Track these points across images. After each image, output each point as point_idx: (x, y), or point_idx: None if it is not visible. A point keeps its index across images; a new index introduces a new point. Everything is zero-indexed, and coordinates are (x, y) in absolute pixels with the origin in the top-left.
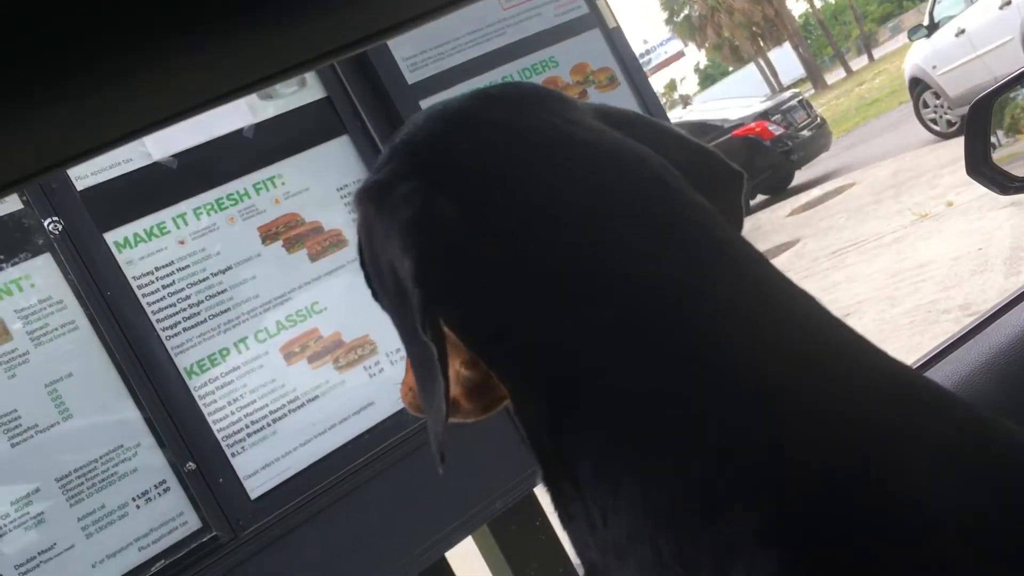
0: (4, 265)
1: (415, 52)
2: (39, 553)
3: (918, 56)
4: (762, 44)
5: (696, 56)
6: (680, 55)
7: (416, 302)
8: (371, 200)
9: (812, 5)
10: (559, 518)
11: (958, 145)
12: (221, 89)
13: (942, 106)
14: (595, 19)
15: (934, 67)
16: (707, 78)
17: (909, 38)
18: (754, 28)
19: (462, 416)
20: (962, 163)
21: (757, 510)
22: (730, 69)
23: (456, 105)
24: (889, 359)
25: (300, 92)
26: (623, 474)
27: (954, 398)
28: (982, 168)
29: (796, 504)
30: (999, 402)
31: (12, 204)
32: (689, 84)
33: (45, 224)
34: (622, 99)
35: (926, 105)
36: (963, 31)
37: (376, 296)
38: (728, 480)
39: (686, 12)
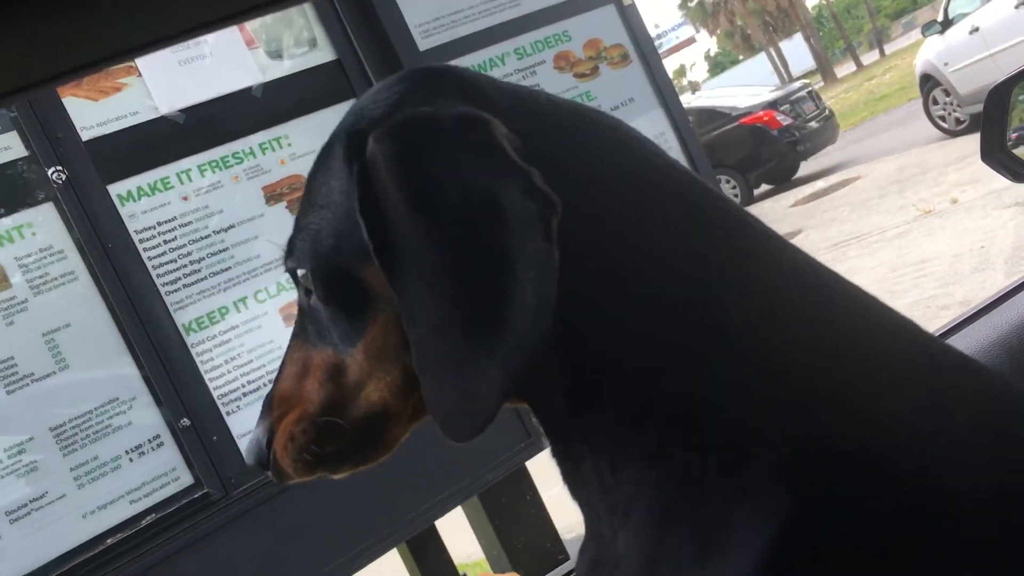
0: (6, 212)
1: (428, 19)
2: (30, 501)
3: (930, 52)
4: (774, 34)
5: (707, 43)
6: (691, 41)
7: (535, 207)
8: (416, 128)
9: None
10: (568, 485)
11: (965, 143)
12: (217, 13)
13: (951, 103)
14: None
15: (946, 64)
16: (717, 65)
17: (923, 34)
18: (767, 17)
19: (380, 450)
20: (968, 161)
21: (768, 453)
22: (740, 58)
23: (419, 67)
24: (901, 316)
25: (310, 53)
26: (638, 431)
27: (975, 361)
28: (997, 155)
29: (809, 447)
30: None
31: (17, 151)
32: (699, 71)
33: (49, 173)
34: (634, 77)
35: (935, 102)
36: (977, 29)
37: (388, 251)
38: (740, 424)
39: None
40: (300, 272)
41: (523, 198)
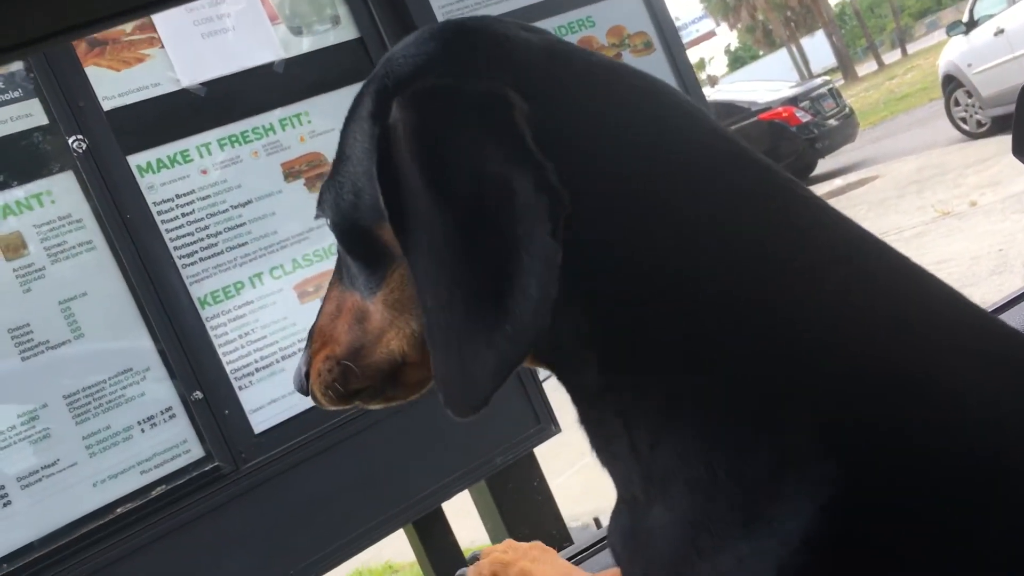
0: (26, 180)
1: (452, 0)
2: (42, 468)
3: (954, 53)
4: (795, 30)
5: (727, 37)
6: (712, 35)
7: (546, 203)
8: (438, 101)
9: None
10: (599, 457)
11: (986, 146)
12: None
13: (973, 105)
14: None
15: (969, 65)
16: (737, 60)
17: (947, 34)
18: (789, 13)
19: (402, 391)
20: (988, 163)
21: (814, 422)
22: (760, 53)
23: (466, 20)
24: (952, 289)
25: (333, 30)
26: (678, 400)
27: (1003, 323)
28: None
29: (859, 417)
30: None
31: (38, 119)
32: (718, 65)
33: (69, 141)
34: (657, 65)
35: (957, 103)
36: (1002, 31)
37: (401, 221)
38: (786, 393)
39: None
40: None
41: (535, 191)
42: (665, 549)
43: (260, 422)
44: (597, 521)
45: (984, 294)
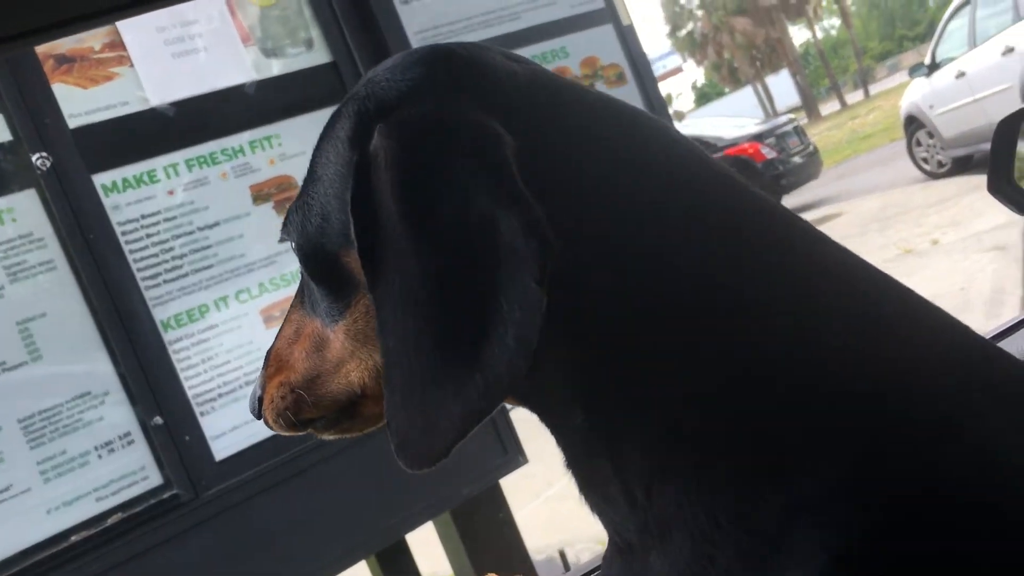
0: None
1: (427, 26)
2: None
3: (916, 94)
4: (761, 68)
5: (694, 73)
6: (678, 71)
7: (535, 249)
8: (424, 133)
9: (814, 35)
10: (589, 504)
11: (947, 185)
12: None
13: (935, 146)
14: (609, 14)
15: (931, 107)
16: (703, 96)
17: (910, 75)
18: (754, 52)
19: (358, 424)
20: (949, 203)
21: (825, 465)
22: (726, 90)
23: (452, 45)
24: (955, 319)
25: (306, 54)
26: (674, 443)
27: (1009, 355)
28: (1004, 188)
29: (867, 457)
30: None
31: (2, 135)
32: (685, 101)
33: (33, 159)
34: (629, 97)
35: (919, 144)
36: (963, 74)
37: (372, 254)
38: (792, 435)
39: (689, 28)
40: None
41: (523, 234)
42: None
43: (221, 449)
44: (562, 554)
45: None
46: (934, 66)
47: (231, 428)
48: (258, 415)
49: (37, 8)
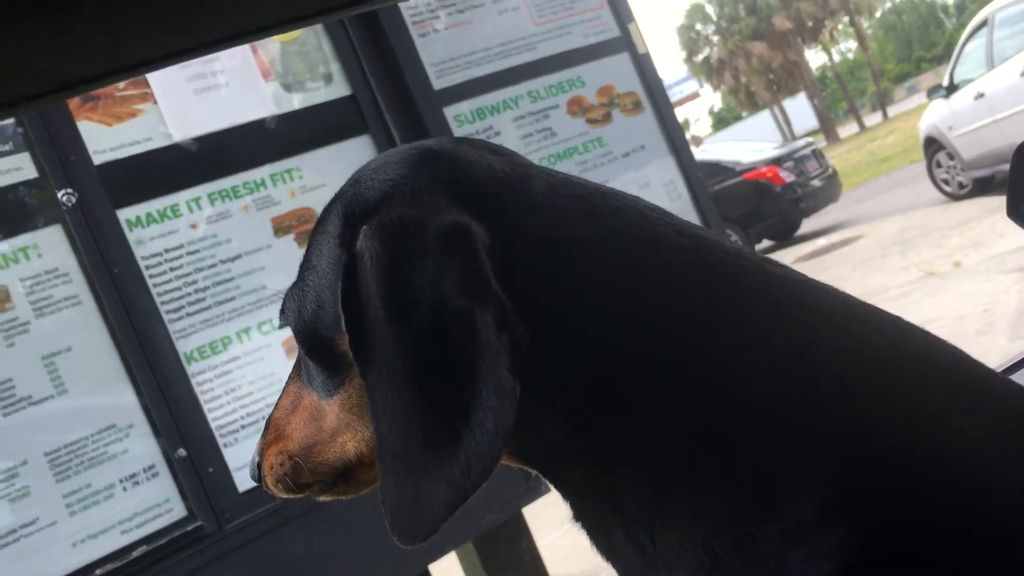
0: (13, 233)
1: (444, 59)
2: (20, 527)
3: (935, 116)
4: (778, 92)
5: (711, 99)
6: (695, 96)
7: (507, 342)
8: (404, 234)
9: (831, 58)
10: (599, 550)
11: (968, 207)
12: (235, 28)
13: (955, 167)
14: (625, 43)
15: (950, 128)
16: (720, 121)
17: (928, 97)
18: (771, 76)
19: (353, 488)
20: (971, 225)
21: (817, 495)
22: (744, 114)
23: (432, 144)
24: (950, 346)
25: (325, 87)
26: (670, 491)
27: (1008, 381)
28: (1023, 210)
29: (858, 482)
30: None
31: (28, 172)
32: (702, 126)
33: (59, 195)
34: (646, 124)
35: (939, 165)
36: (982, 95)
37: (362, 345)
38: (786, 467)
39: (705, 53)
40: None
41: (496, 329)
42: None
43: (245, 480)
44: None
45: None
46: (952, 87)
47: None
48: (258, 480)
49: (70, 63)
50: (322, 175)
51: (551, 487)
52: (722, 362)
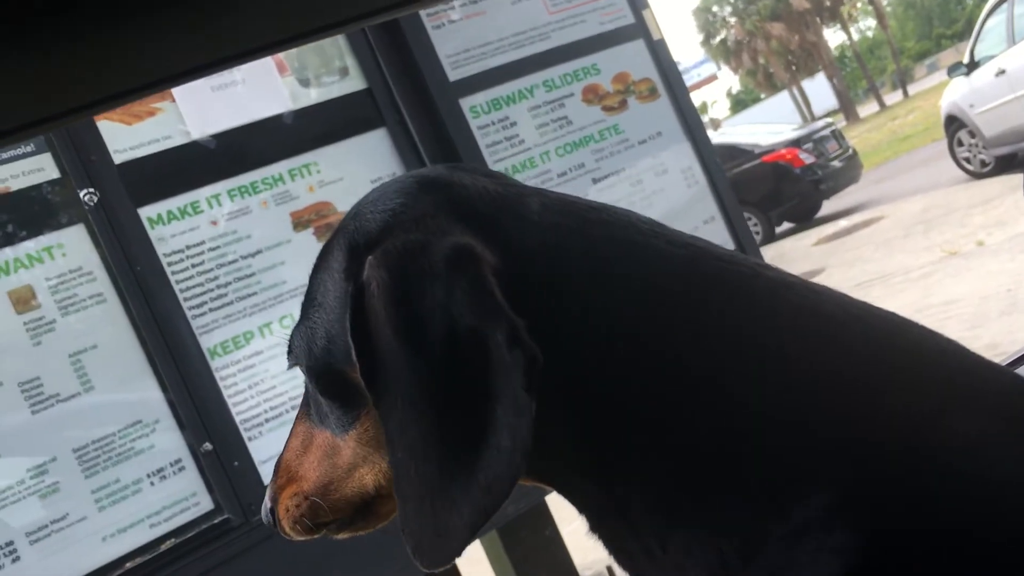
0: (37, 233)
1: (458, 50)
2: (51, 523)
3: (956, 94)
4: (796, 73)
5: (729, 80)
6: (713, 78)
7: (521, 360)
8: (410, 259)
9: (849, 37)
10: (617, 561)
11: (990, 185)
12: (252, 43)
13: (977, 145)
14: (640, 29)
15: (971, 106)
16: (738, 103)
17: (948, 75)
18: (789, 56)
19: (372, 522)
20: (994, 203)
21: (820, 496)
22: (762, 96)
23: (427, 172)
24: (949, 342)
25: (341, 81)
26: (676, 499)
27: (1006, 371)
28: None
29: (862, 485)
30: None
31: (50, 173)
32: (720, 108)
33: (81, 195)
34: (662, 111)
35: (960, 144)
36: (1004, 71)
37: (375, 374)
38: (792, 469)
39: (723, 35)
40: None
41: (508, 347)
42: None
43: (270, 473)
44: (610, 570)
45: (994, 335)
46: (973, 64)
47: (278, 452)
48: (274, 524)
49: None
50: (339, 169)
51: None
52: (724, 368)
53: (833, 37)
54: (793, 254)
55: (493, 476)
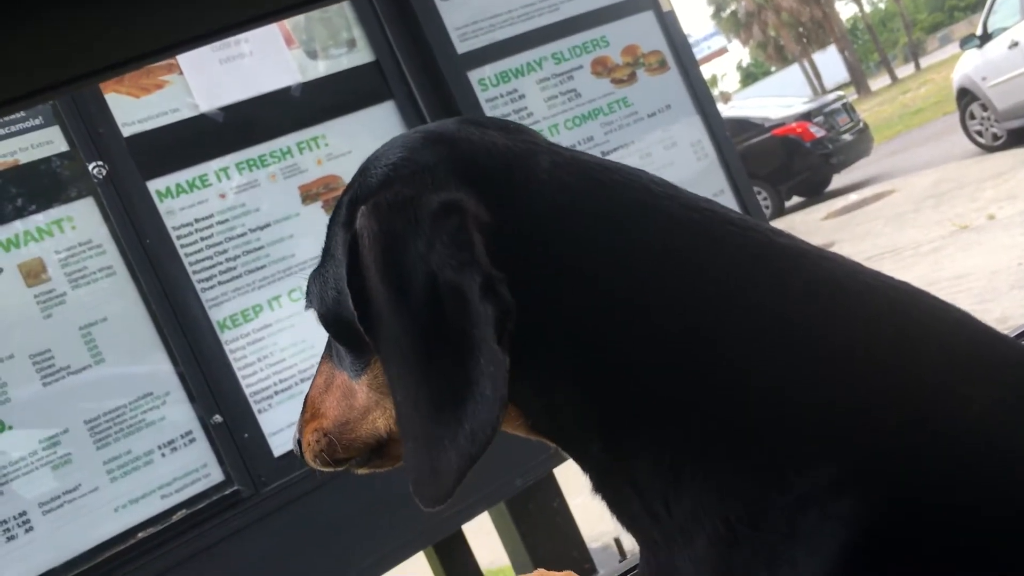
0: (46, 206)
1: (467, 22)
2: (64, 493)
3: (968, 67)
4: (807, 45)
5: (739, 53)
6: (723, 51)
7: (492, 312)
8: (396, 212)
9: (861, 9)
10: (620, 522)
11: (1002, 158)
12: (256, 9)
13: (989, 118)
14: (649, 1)
15: (984, 78)
16: (749, 76)
17: (961, 47)
18: (800, 29)
19: (388, 461)
20: (1005, 177)
21: (828, 464)
22: (773, 69)
23: (435, 127)
24: (962, 313)
25: (349, 54)
26: (682, 463)
27: (1016, 343)
28: None
29: (871, 454)
30: None
31: (58, 146)
32: (730, 81)
33: (90, 168)
34: (671, 84)
35: (972, 117)
36: (1016, 44)
37: (371, 322)
38: (797, 435)
39: (733, 8)
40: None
41: (482, 300)
42: None
43: (279, 445)
44: (618, 541)
45: (1004, 309)
46: (986, 37)
47: (288, 424)
48: (300, 456)
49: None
50: (348, 142)
51: None
52: (732, 334)
53: (845, 9)
54: (803, 228)
55: (476, 424)
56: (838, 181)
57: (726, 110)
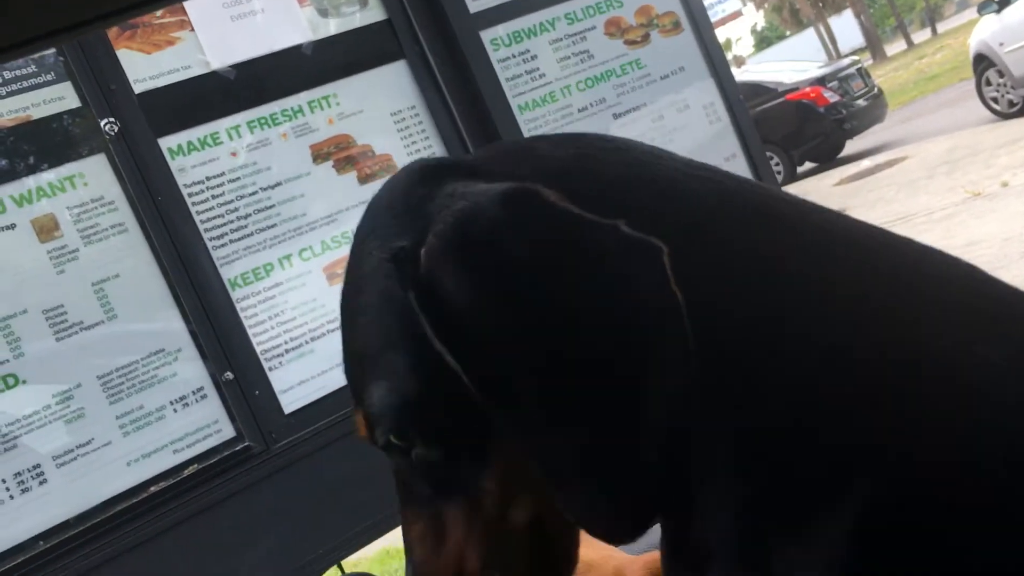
0: (58, 162)
1: None
2: (76, 447)
3: (985, 32)
4: (823, 9)
5: (754, 17)
6: (738, 15)
7: (641, 255)
8: (485, 219)
9: None
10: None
11: (1018, 125)
12: None
13: (1005, 85)
14: None
15: (1001, 44)
16: (763, 40)
17: (979, 12)
18: None
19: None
20: (1020, 144)
21: (853, 427)
22: (787, 33)
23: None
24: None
25: (361, 12)
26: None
27: None
28: None
29: (893, 412)
30: None
31: (70, 101)
32: (744, 45)
33: (101, 124)
34: (685, 45)
35: (989, 83)
36: None
37: (475, 369)
38: (818, 396)
39: None
40: (392, 440)
41: (622, 249)
42: None
43: (290, 402)
44: None
45: (1015, 277)
46: (1004, 2)
47: (299, 382)
48: None
49: None
50: (359, 102)
51: None
52: (750, 301)
53: None
54: (815, 194)
55: (649, 431)
56: (851, 147)
57: (739, 74)
